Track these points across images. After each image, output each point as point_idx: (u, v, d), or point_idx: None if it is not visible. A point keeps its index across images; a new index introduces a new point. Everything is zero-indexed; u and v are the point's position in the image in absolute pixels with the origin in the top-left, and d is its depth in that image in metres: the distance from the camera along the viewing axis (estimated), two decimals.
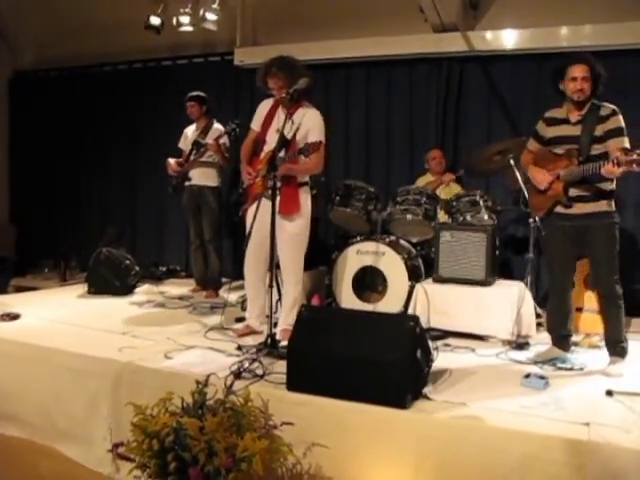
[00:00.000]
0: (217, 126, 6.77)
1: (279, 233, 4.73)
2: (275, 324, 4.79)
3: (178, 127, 7.30)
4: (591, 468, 3.01)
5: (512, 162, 5.40)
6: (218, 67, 8.03)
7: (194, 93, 6.80)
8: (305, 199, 4.89)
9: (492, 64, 6.80)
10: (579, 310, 5.20)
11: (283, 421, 3.38)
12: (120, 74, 8.71)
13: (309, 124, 4.75)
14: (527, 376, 3.96)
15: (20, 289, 7.77)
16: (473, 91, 6.93)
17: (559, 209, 4.36)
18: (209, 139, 6.56)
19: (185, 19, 7.37)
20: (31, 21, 8.93)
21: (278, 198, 4.61)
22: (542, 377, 3.93)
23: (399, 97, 7.23)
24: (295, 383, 3.66)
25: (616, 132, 4.16)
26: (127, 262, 6.71)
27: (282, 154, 4.60)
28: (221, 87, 7.85)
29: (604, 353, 4.40)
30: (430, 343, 3.86)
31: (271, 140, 4.76)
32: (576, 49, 5.80)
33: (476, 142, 6.51)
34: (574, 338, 4.86)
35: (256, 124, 4.97)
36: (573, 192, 4.27)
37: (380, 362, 3.47)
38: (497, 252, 5.69)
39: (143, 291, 6.84)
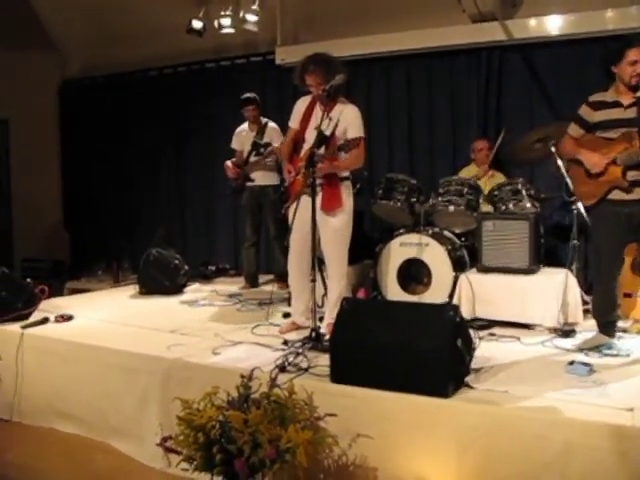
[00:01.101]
0: (273, 125, 6.84)
1: (322, 229, 4.80)
2: (321, 318, 4.85)
3: (224, 128, 7.41)
4: (635, 454, 2.98)
5: (554, 149, 5.37)
6: (260, 67, 8.11)
7: (249, 96, 6.81)
8: (347, 194, 4.91)
9: (532, 52, 6.74)
10: (628, 296, 5.12)
11: (327, 412, 3.45)
12: (165, 78, 8.86)
13: (347, 120, 4.77)
14: (571, 363, 3.93)
15: (75, 292, 7.94)
16: (514, 80, 6.87)
17: (615, 195, 4.26)
18: (267, 139, 6.64)
19: (226, 21, 7.45)
20: (78, 31, 9.14)
21: (320, 195, 4.70)
22: (586, 364, 3.90)
23: (440, 89, 7.22)
24: (339, 375, 3.70)
25: None
26: (176, 262, 6.82)
27: (322, 151, 4.65)
28: (264, 87, 7.89)
29: None
30: (472, 332, 3.87)
31: (310, 138, 4.77)
32: (623, 32, 5.74)
33: (519, 131, 6.41)
34: (623, 324, 4.82)
35: (295, 122, 5.00)
36: (632, 176, 4.19)
37: (421, 352, 3.50)
38: (542, 240, 5.65)
39: (193, 290, 6.95)
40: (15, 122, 9.28)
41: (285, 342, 4.56)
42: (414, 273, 5.72)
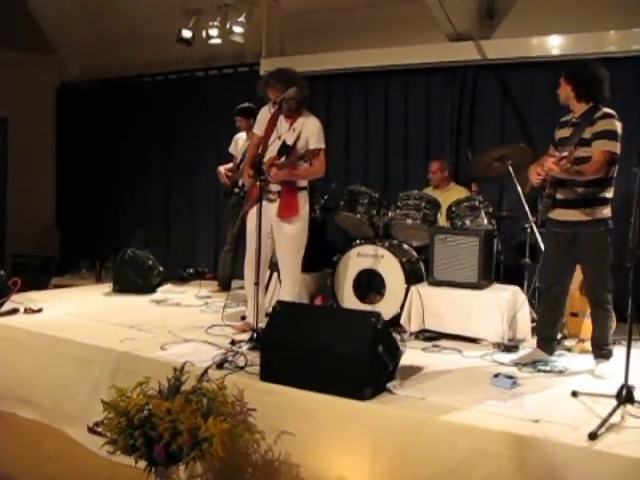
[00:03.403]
0: None
1: (278, 235, 5.01)
2: None
3: (211, 134, 7.57)
4: (531, 462, 3.13)
5: (510, 169, 5.53)
6: (246, 77, 8.24)
7: (242, 106, 6.97)
8: (304, 203, 5.08)
9: (506, 72, 6.87)
10: (574, 315, 5.21)
11: (248, 407, 3.64)
12: (157, 85, 9.10)
13: (308, 131, 4.97)
14: (496, 376, 4.06)
15: (59, 287, 8.11)
16: (487, 99, 7.01)
17: (551, 214, 4.44)
18: None
19: (214, 32, 7.66)
20: (76, 36, 9.47)
21: (277, 201, 4.94)
22: (510, 377, 4.02)
23: (415, 105, 7.37)
24: (267, 374, 3.88)
25: (602, 134, 4.12)
26: (150, 262, 7.02)
27: (283, 159, 4.86)
28: (249, 97, 8.07)
29: (591, 357, 4.48)
30: (397, 339, 4.02)
31: (272, 146, 4.99)
32: (599, 55, 5.78)
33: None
34: (568, 343, 4.95)
35: (259, 129, 5.16)
36: (560, 196, 4.34)
37: (341, 355, 3.66)
38: (502, 257, 5.82)
39: (164, 290, 7.14)
40: (13, 122, 9.57)
41: (232, 342, 4.72)
42: (370, 283, 5.82)
